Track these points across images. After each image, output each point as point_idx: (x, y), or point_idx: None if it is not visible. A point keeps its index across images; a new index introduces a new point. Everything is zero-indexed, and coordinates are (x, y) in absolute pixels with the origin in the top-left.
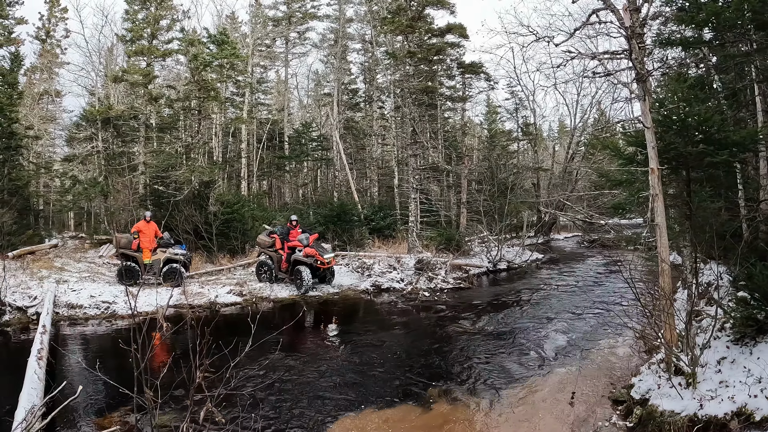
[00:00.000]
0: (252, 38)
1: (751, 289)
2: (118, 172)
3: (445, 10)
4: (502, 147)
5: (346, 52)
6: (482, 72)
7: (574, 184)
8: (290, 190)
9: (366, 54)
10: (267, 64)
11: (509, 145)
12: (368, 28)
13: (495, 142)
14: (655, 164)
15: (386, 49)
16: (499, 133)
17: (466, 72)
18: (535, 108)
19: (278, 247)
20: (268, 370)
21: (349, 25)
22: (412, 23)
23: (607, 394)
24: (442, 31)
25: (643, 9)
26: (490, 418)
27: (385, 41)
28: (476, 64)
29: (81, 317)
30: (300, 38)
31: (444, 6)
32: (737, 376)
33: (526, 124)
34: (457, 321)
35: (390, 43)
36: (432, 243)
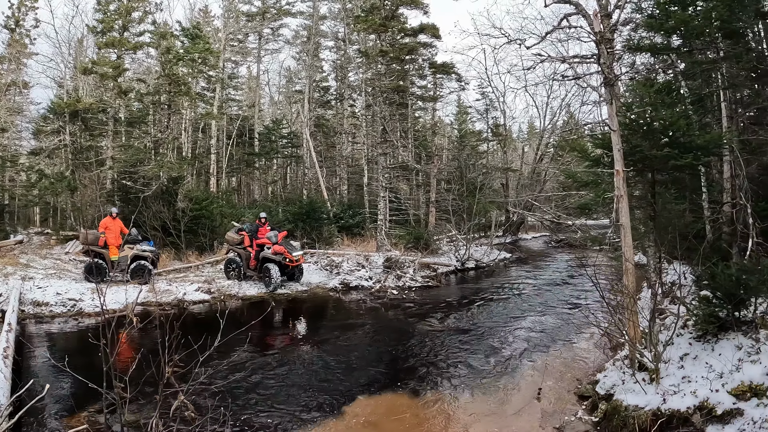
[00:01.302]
0: (224, 33)
1: (713, 288)
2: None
3: (419, 10)
4: (472, 147)
5: (318, 49)
6: (453, 72)
7: (542, 185)
8: (259, 187)
9: (338, 52)
10: (239, 59)
11: (479, 145)
12: (341, 25)
13: (465, 142)
14: (620, 166)
15: (359, 47)
16: (469, 133)
17: (437, 72)
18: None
19: (247, 244)
20: (237, 367)
21: (322, 22)
22: (385, 22)
23: (573, 389)
24: (414, 30)
25: (614, 15)
26: (458, 414)
27: (357, 39)
28: (448, 65)
29: (47, 315)
30: (273, 34)
31: (417, 6)
32: (699, 371)
33: (496, 125)
34: (425, 319)
35: (363, 42)
36: (401, 241)
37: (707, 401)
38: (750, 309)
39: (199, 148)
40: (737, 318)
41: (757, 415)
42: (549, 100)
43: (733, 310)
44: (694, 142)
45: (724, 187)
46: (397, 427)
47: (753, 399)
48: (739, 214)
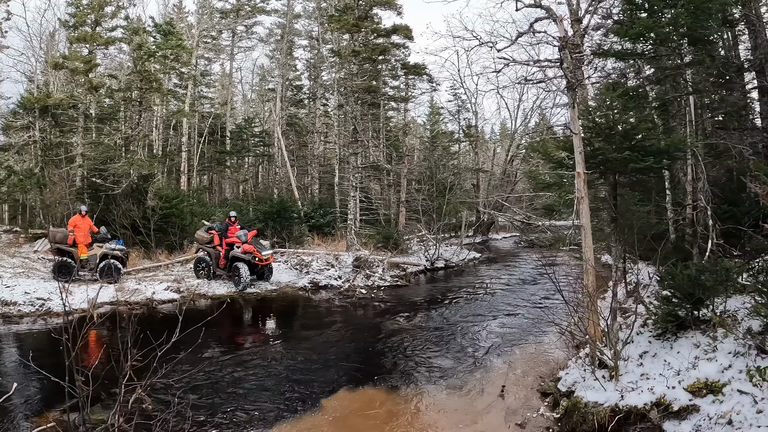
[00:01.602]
0: (198, 29)
1: (673, 287)
2: (55, 163)
3: (392, 10)
4: (444, 148)
5: (292, 48)
6: (425, 74)
7: (513, 186)
8: (231, 185)
9: (312, 51)
10: (212, 56)
11: (451, 146)
12: (315, 24)
13: (437, 142)
14: (582, 168)
15: (332, 46)
16: (441, 134)
17: (409, 73)
18: (477, 111)
19: (216, 243)
20: (206, 365)
21: (296, 21)
22: (358, 22)
23: (537, 386)
24: (387, 31)
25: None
26: (423, 411)
27: (331, 39)
28: (419, 66)
29: (15, 314)
30: (247, 32)
31: (391, 6)
32: (658, 369)
33: (468, 126)
34: (393, 318)
35: (336, 41)
36: (370, 241)
37: (664, 398)
38: (709, 308)
39: (171, 145)
40: (696, 317)
41: (713, 411)
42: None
43: (692, 309)
44: (655, 145)
45: (687, 190)
46: (367, 423)
47: (709, 396)
48: (700, 216)
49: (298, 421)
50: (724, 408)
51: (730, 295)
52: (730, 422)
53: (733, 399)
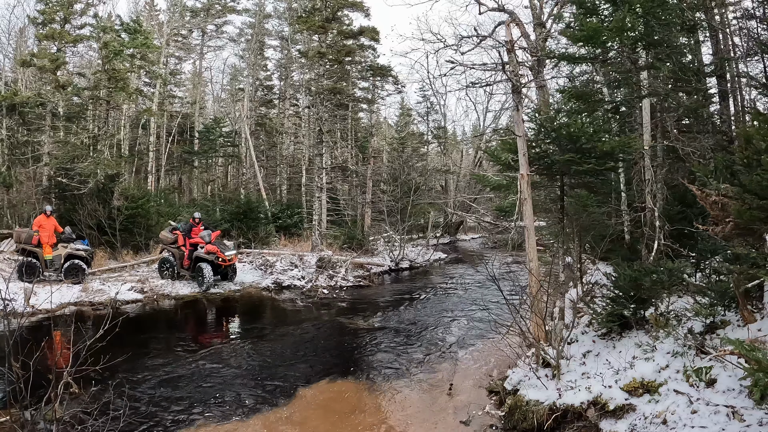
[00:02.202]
0: (168, 27)
1: (618, 287)
2: (21, 162)
3: (360, 12)
4: (414, 149)
5: (263, 48)
6: (390, 75)
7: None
8: (198, 185)
9: (283, 51)
10: (182, 55)
11: (421, 147)
12: (286, 25)
13: (406, 144)
14: (525, 170)
15: (301, 47)
16: (410, 135)
17: (375, 75)
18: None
19: (180, 243)
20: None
21: (267, 21)
22: (324, 24)
23: (485, 385)
24: (354, 33)
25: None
26: (372, 409)
27: (301, 39)
28: (385, 68)
29: None
30: (217, 31)
31: (358, 8)
32: (598, 368)
33: (437, 127)
34: (352, 318)
35: (306, 42)
36: (335, 241)
37: (600, 396)
38: (656, 309)
39: (139, 145)
40: (641, 317)
41: (649, 410)
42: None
43: (637, 309)
44: (599, 148)
45: (642, 191)
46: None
47: (645, 395)
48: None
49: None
50: (659, 408)
51: (681, 295)
52: (664, 422)
53: (669, 399)
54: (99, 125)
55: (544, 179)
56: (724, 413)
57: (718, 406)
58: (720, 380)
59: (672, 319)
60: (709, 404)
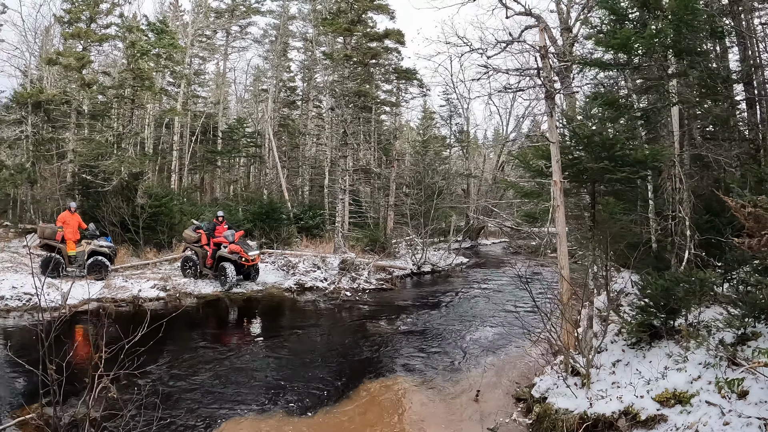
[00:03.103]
0: (192, 28)
1: (648, 297)
2: (46, 158)
3: (385, 15)
4: (436, 152)
5: (286, 49)
6: (416, 79)
7: (503, 192)
8: (221, 185)
9: (306, 53)
10: (206, 55)
11: (443, 150)
12: (310, 27)
13: (428, 147)
14: (558, 177)
15: (325, 49)
16: (433, 138)
17: (400, 78)
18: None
19: (204, 242)
20: (179, 365)
21: (291, 22)
22: (350, 26)
23: (512, 392)
24: (380, 35)
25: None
26: (399, 414)
27: (325, 41)
28: (410, 71)
29: (2, 309)
30: (241, 32)
31: (384, 11)
32: (629, 377)
33: (460, 131)
34: (376, 321)
35: (330, 44)
36: (358, 244)
37: (632, 406)
38: (685, 318)
39: (162, 144)
40: (671, 327)
41: (680, 421)
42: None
43: (667, 319)
44: (633, 156)
45: (668, 200)
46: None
47: (677, 406)
48: (678, 226)
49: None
50: (691, 419)
51: (709, 305)
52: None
53: (701, 410)
54: (123, 124)
55: (574, 186)
56: (756, 425)
57: (750, 418)
58: (752, 392)
59: (702, 330)
60: (741, 416)
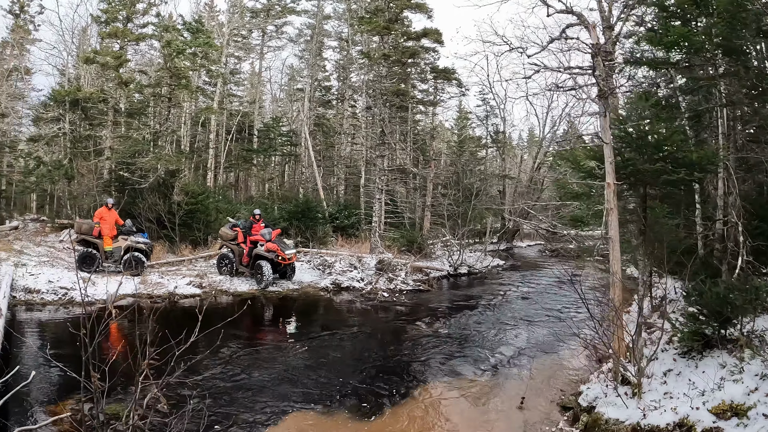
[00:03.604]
0: (228, 28)
1: (700, 304)
2: (83, 155)
3: (423, 14)
4: (471, 153)
5: (321, 48)
6: (454, 78)
7: (539, 194)
8: (256, 183)
9: (341, 52)
10: (242, 55)
11: (478, 151)
12: (345, 26)
13: (464, 147)
14: (612, 179)
15: (361, 48)
16: (468, 138)
17: (438, 77)
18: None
19: (240, 240)
20: (223, 364)
21: (326, 22)
22: (388, 25)
23: (557, 400)
24: (418, 34)
25: (616, 27)
26: (441, 420)
27: (360, 40)
28: (449, 70)
29: (38, 302)
30: (277, 31)
31: (422, 10)
32: (682, 388)
33: (496, 132)
34: (414, 323)
35: (366, 43)
36: (394, 244)
37: (687, 418)
38: (736, 327)
39: (198, 142)
40: (723, 336)
41: None
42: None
43: (719, 328)
44: (688, 158)
45: (718, 204)
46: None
47: (733, 418)
48: (731, 231)
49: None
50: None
51: (758, 314)
52: None
53: (758, 423)
54: (160, 122)
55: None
56: None
57: None
58: None
59: (755, 340)
60: None
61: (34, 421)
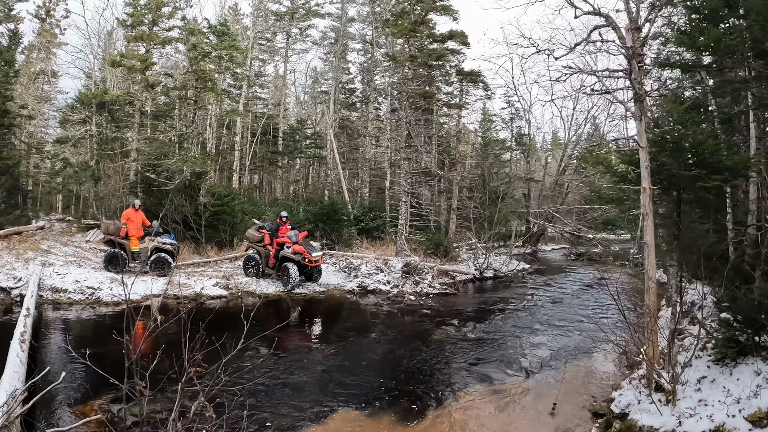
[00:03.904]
0: (253, 31)
1: (735, 311)
2: (110, 157)
3: (448, 16)
4: (496, 156)
5: (345, 51)
6: (481, 81)
7: (564, 197)
8: (281, 185)
9: (366, 54)
10: (266, 58)
11: (502, 154)
12: (369, 28)
13: (488, 150)
14: (648, 184)
15: (386, 51)
16: (493, 141)
17: (464, 79)
18: (531, 119)
19: (267, 242)
20: (253, 367)
21: (350, 24)
22: (414, 27)
23: (588, 406)
24: (443, 37)
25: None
26: (470, 426)
27: (385, 43)
28: (475, 73)
29: (65, 302)
30: (301, 34)
31: (447, 12)
32: (716, 395)
33: (521, 134)
34: (442, 326)
35: (390, 46)
36: (420, 247)
37: (723, 426)
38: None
39: (223, 144)
40: (757, 343)
41: None
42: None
43: (753, 335)
44: (722, 163)
45: (750, 209)
46: None
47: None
48: (765, 237)
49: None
50: None
51: None
52: None
53: None
54: (186, 124)
55: (657, 193)
56: None
57: None
58: None
59: None
60: None
61: (62, 421)
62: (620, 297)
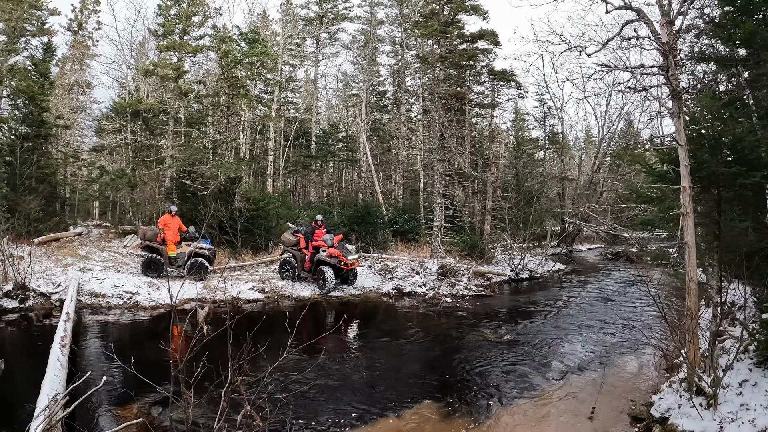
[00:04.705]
0: (282, 37)
1: None
2: (145, 164)
3: (478, 15)
4: (529, 155)
5: (375, 54)
6: (513, 80)
7: (599, 196)
8: (315, 189)
9: (395, 56)
10: (296, 63)
11: (536, 153)
12: (398, 30)
13: (521, 149)
14: (688, 183)
15: (416, 52)
16: (526, 140)
17: (496, 79)
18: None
19: (302, 246)
20: (291, 372)
21: (379, 27)
22: (444, 28)
23: (627, 410)
24: (474, 36)
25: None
26: (508, 429)
27: (415, 45)
28: (507, 72)
29: (104, 306)
30: (330, 38)
31: (477, 12)
32: (759, 399)
33: (554, 133)
34: (478, 329)
35: (420, 47)
36: (455, 249)
37: (766, 431)
38: None
39: (257, 149)
40: None
41: None
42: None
43: None
44: (763, 159)
45: None
46: None
47: None
48: None
49: None
50: None
51: None
52: None
53: None
54: (219, 130)
55: (697, 192)
56: None
57: None
58: None
59: None
60: None
61: (102, 424)
62: (659, 297)
